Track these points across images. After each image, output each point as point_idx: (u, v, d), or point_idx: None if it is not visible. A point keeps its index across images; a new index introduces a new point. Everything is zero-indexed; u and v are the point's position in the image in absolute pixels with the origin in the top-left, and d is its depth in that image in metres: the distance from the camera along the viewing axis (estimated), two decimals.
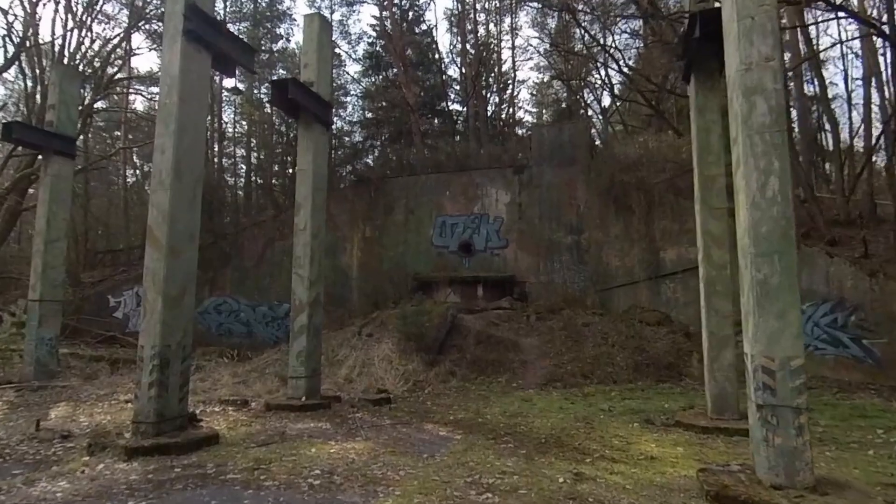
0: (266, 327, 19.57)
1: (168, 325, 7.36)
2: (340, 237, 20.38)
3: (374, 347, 14.12)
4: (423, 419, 9.13)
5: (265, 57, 28.57)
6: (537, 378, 12.93)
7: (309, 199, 10.62)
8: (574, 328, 15.04)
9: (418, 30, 28.28)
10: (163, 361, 7.27)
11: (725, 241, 8.42)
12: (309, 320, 10.39)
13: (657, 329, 14.91)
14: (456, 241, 19.29)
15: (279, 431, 8.16)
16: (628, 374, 12.93)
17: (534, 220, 18.55)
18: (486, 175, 19.44)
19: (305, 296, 10.44)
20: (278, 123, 29.38)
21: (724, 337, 8.31)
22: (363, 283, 19.90)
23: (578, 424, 8.48)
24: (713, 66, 8.43)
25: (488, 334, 14.98)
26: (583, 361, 13.43)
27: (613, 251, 17.18)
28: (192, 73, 7.83)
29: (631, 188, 16.64)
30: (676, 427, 8.17)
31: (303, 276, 10.51)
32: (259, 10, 29.99)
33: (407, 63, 24.32)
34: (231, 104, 30.16)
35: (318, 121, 10.83)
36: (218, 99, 28.31)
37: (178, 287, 7.56)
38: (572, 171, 18.30)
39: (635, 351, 13.74)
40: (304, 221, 10.61)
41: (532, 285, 18.21)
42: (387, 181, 20.62)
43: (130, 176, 28.90)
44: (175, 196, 7.53)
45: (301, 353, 10.29)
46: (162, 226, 7.46)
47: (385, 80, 27.71)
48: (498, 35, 29.77)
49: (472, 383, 12.73)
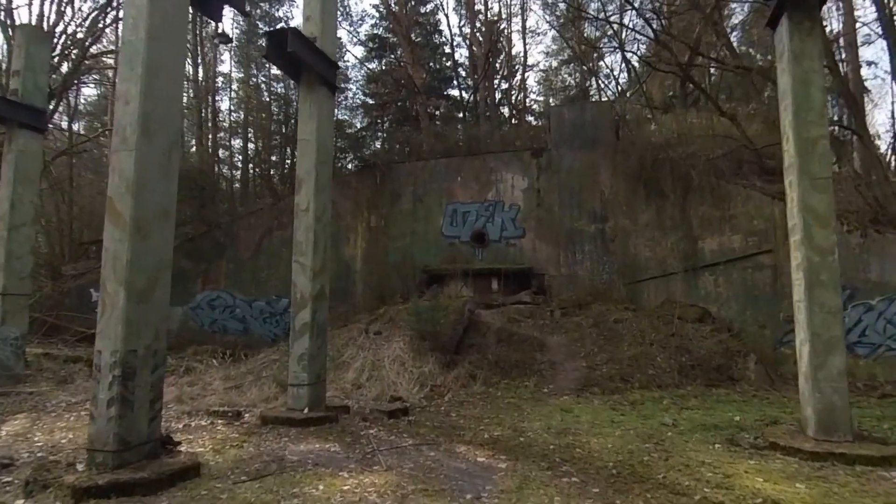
0: (264, 324, 17.80)
1: (133, 324, 5.62)
2: (343, 227, 18.59)
3: (384, 347, 12.39)
4: (451, 437, 7.42)
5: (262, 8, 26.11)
6: (570, 382, 11.23)
7: (312, 174, 8.86)
8: (605, 325, 13.34)
9: (424, 10, 26.42)
10: (126, 371, 5.54)
11: (831, 218, 6.72)
12: (313, 317, 8.67)
13: (698, 326, 13.21)
14: (468, 230, 17.54)
15: (277, 456, 6.44)
16: (673, 378, 11.24)
17: (553, 207, 16.82)
18: (501, 159, 17.68)
19: (309, 288, 8.71)
20: (276, 112, 27.59)
21: (831, 339, 6.60)
22: (368, 277, 18.14)
23: (647, 447, 6.78)
24: (812, 2, 6.72)
25: (510, 332, 13.27)
26: (620, 363, 11.73)
27: (643, 240, 15.47)
28: (164, 4, 6.06)
29: (664, 171, 14.91)
30: (772, 451, 6.48)
31: (305, 265, 8.78)
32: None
33: (413, 43, 22.54)
34: (227, 89, 28.27)
35: (323, 82, 9.08)
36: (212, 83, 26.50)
37: (147, 276, 5.83)
38: (595, 153, 16.57)
39: (677, 351, 12.05)
40: (306, 201, 8.86)
41: (552, 278, 16.49)
42: (393, 167, 18.84)
43: None
44: (143, 159, 5.78)
45: (303, 356, 8.56)
46: (125, 197, 5.71)
47: (389, 63, 25.86)
48: (509, 14, 27.93)
49: (497, 388, 11.02)
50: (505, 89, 28.85)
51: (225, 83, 28.17)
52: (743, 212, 13.46)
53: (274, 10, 27.51)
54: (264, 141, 27.34)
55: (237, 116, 27.68)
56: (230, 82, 26.42)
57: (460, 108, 23.97)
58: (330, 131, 9.70)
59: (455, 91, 26.15)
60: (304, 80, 9.05)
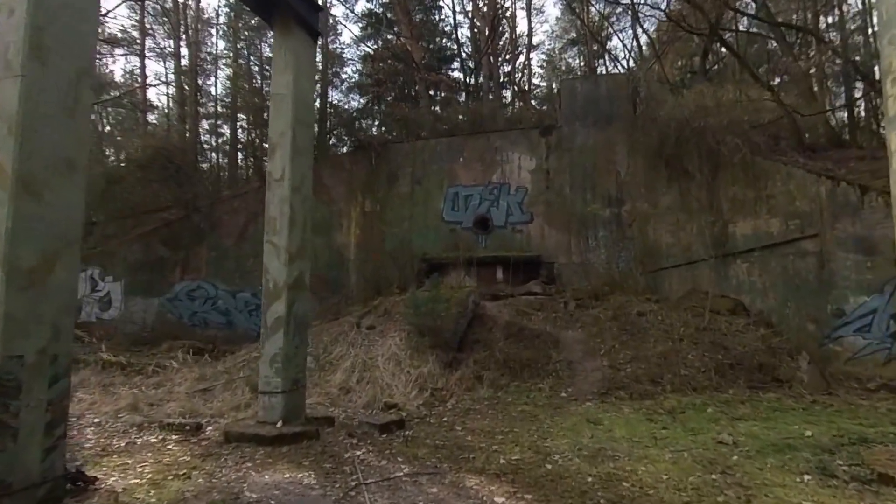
0: (249, 317, 16.10)
1: (16, 319, 3.95)
2: (336, 212, 16.92)
3: (378, 344, 10.75)
4: (458, 463, 5.76)
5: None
6: (591, 384, 9.59)
7: (287, 135, 7.17)
8: (627, 318, 11.68)
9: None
10: (5, 387, 3.87)
11: None
12: (288, 310, 7.00)
13: (731, 320, 11.57)
14: (471, 215, 15.85)
15: (231, 494, 4.79)
16: (710, 379, 9.60)
17: (564, 189, 15.15)
18: (507, 137, 15.98)
19: (283, 275, 7.03)
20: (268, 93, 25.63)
21: None
22: (362, 266, 16.46)
23: (714, 478, 5.13)
24: None
25: (520, 326, 11.61)
26: (646, 362, 10.09)
27: (664, 225, 13.81)
28: None
29: (688, 148, 13.19)
30: (886, 486, 4.83)
31: (279, 245, 7.11)
32: None
33: (411, 18, 20.79)
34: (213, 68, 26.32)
35: (302, 25, 7.37)
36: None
37: (39, 251, 4.14)
38: (611, 130, 14.89)
39: (712, 348, 10.41)
40: (280, 168, 7.18)
41: (563, 266, 14.83)
42: (389, 147, 17.11)
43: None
44: (32, 89, 4.08)
45: (277, 357, 6.91)
46: (6, 142, 4.02)
47: (387, 41, 24.04)
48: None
49: (508, 392, 9.38)
50: (508, 72, 27.11)
51: (212, 62, 26.34)
52: (783, 191, 11.77)
53: None
54: (252, 119, 25.17)
55: (224, 97, 25.65)
56: (216, 60, 24.57)
57: (462, 88, 22.20)
58: (310, 85, 7.99)
59: (458, 73, 24.40)
60: (279, 22, 7.35)
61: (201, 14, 24.99)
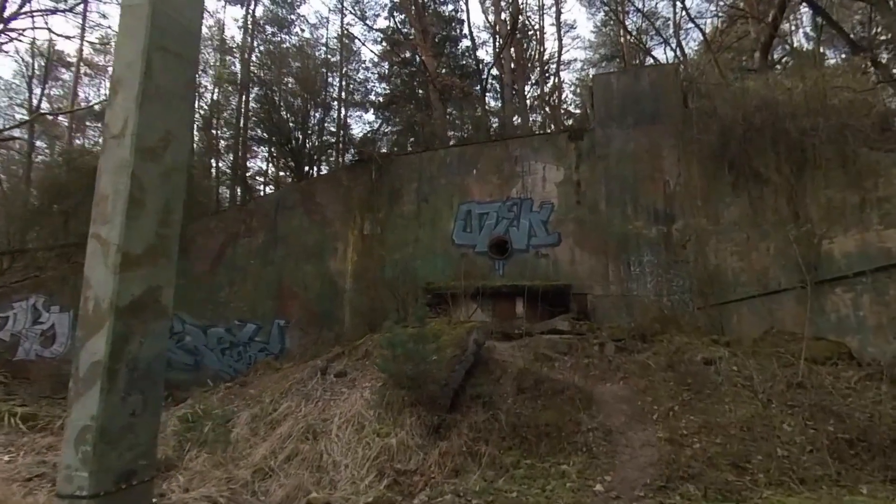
0: (222, 356, 13.23)
1: None
2: (330, 235, 14.07)
3: (341, 398, 7.64)
4: None
5: None
6: (641, 469, 6.21)
7: (138, 68, 4.21)
8: (688, 368, 8.24)
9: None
10: None
11: None
12: (115, 351, 3.84)
13: (835, 372, 8.03)
14: (486, 237, 12.75)
15: None
16: (822, 464, 6.12)
17: (598, 204, 11.96)
18: (529, 144, 12.97)
19: (109, 290, 3.93)
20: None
21: None
22: (358, 298, 13.48)
23: None
24: None
25: (538, 377, 8.28)
26: (723, 434, 6.66)
27: (730, 245, 10.42)
28: None
29: (761, 145, 9.92)
30: None
31: (108, 241, 4.00)
32: None
33: (426, 24, 18.27)
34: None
35: None
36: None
37: None
38: (656, 131, 11.73)
39: (818, 414, 6.92)
40: (121, 118, 4.19)
41: (598, 299, 11.51)
42: (394, 160, 14.33)
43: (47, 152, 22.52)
44: None
45: (87, 431, 3.78)
46: None
47: (405, 60, 21.59)
48: (541, 5, 23.42)
49: (513, 478, 6.08)
50: (535, 97, 24.25)
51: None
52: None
53: None
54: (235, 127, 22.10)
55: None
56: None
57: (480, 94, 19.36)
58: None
59: (478, 88, 21.66)
60: None
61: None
